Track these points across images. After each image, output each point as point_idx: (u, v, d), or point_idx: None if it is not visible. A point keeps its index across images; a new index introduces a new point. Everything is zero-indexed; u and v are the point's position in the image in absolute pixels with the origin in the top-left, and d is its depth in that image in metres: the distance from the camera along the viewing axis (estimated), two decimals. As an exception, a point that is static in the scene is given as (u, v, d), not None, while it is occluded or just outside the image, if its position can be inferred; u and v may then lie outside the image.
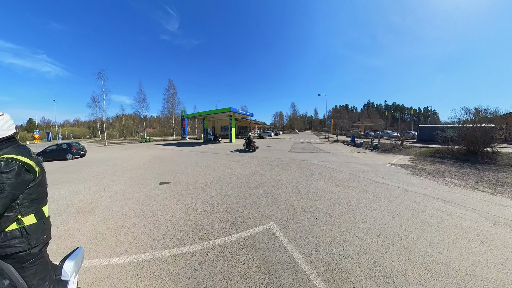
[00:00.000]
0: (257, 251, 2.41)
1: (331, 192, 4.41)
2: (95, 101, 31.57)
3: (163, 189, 5.30)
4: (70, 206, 4.34)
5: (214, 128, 32.29)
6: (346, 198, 4.02)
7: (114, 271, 2.26)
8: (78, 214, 3.90)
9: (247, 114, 26.64)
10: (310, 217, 3.22)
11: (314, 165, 7.84)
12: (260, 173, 6.65)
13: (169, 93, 41.46)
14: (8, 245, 1.12)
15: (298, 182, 5.34)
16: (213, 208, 3.81)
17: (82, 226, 3.39)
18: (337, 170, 6.71)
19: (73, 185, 6.13)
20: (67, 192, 5.38)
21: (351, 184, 5.05)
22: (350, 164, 7.87)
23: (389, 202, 3.79)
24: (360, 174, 6.09)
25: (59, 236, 3.11)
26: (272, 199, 4.10)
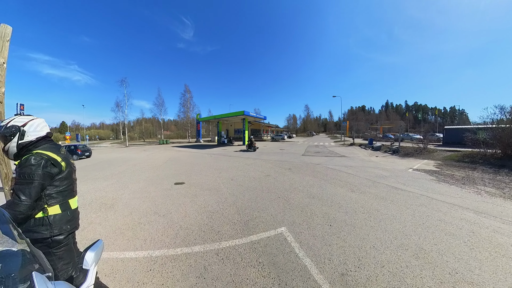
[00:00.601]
0: (267, 255, 2.37)
1: (346, 198, 4.21)
2: (118, 105, 34.28)
3: (178, 189, 5.47)
4: (93, 201, 4.67)
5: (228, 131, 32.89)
6: (363, 205, 3.81)
7: (130, 265, 2.37)
8: (100, 209, 4.17)
9: (260, 117, 26.73)
10: (323, 223, 3.10)
11: (329, 169, 7.58)
12: (272, 176, 6.59)
13: (185, 97, 43.26)
14: (36, 230, 1.28)
15: (311, 186, 5.20)
16: (225, 210, 3.84)
17: (103, 220, 3.62)
18: (354, 175, 6.41)
19: (97, 182, 6.59)
20: (92, 188, 5.80)
21: (368, 190, 4.78)
22: (368, 169, 7.48)
23: (411, 211, 3.52)
24: (378, 180, 5.75)
25: (82, 228, 3.35)
26: (285, 203, 4.02)
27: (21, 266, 0.98)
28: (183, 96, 43.47)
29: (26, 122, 1.37)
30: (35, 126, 1.40)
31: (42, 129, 1.44)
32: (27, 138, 1.36)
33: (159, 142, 35.19)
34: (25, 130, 1.36)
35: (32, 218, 1.28)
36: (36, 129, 1.41)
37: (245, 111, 22.08)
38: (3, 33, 3.21)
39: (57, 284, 0.87)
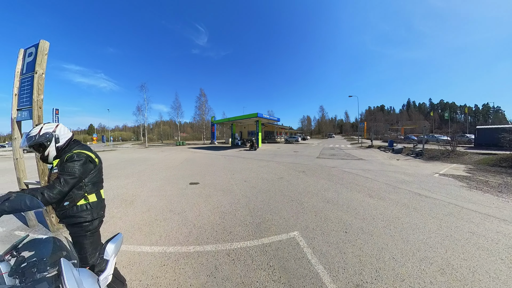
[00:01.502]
0: (278, 259, 2.32)
1: (364, 204, 4.00)
2: (139, 109, 36.95)
3: (192, 189, 5.63)
4: (115, 197, 4.99)
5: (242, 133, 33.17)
6: (382, 212, 3.58)
7: (145, 258, 2.48)
8: (121, 205, 4.45)
9: (273, 119, 26.61)
10: (338, 230, 2.97)
11: (345, 173, 7.27)
12: (286, 179, 6.50)
13: (201, 101, 44.85)
14: (79, 215, 1.53)
15: (326, 190, 5.02)
16: (237, 211, 3.86)
17: (123, 215, 3.85)
18: (372, 180, 6.07)
19: (119, 180, 7.04)
20: (114, 185, 6.21)
21: (388, 196, 4.49)
22: (388, 173, 7.03)
23: (436, 221, 3.23)
24: (399, 185, 5.38)
25: (105, 221, 3.57)
26: (298, 207, 3.93)
27: (51, 252, 1.07)
28: (198, 99, 45.13)
29: (55, 128, 1.57)
30: (63, 130, 1.61)
31: (67, 132, 1.65)
32: (61, 141, 1.58)
33: (176, 144, 36.77)
34: (58, 134, 1.57)
35: (75, 206, 1.52)
36: (64, 132, 1.62)
37: (259, 113, 22.13)
38: (42, 47, 3.62)
39: (81, 271, 0.95)
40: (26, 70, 3.71)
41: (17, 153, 3.65)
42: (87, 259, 1.54)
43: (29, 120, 3.54)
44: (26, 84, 3.65)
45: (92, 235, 1.62)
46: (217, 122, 34.49)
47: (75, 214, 1.52)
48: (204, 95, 45.36)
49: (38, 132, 1.49)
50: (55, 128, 1.58)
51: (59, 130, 1.59)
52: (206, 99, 45.47)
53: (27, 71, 3.67)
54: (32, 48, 3.62)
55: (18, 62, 3.76)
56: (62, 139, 1.59)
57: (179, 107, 42.95)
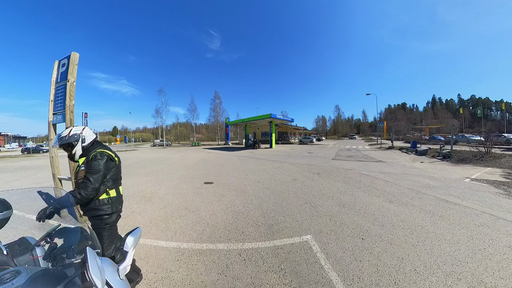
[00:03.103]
0: (290, 263, 2.28)
1: (383, 210, 3.77)
2: (158, 112, 39.11)
3: (207, 188, 5.77)
4: (135, 194, 5.29)
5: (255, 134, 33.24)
6: (403, 219, 3.34)
7: (161, 252, 2.60)
8: (140, 201, 4.71)
9: (287, 119, 26.30)
10: (354, 235, 2.83)
11: (363, 175, 6.92)
12: (300, 180, 6.37)
13: (215, 103, 45.96)
14: (101, 208, 1.70)
15: (342, 194, 4.83)
16: (250, 212, 3.87)
17: (142, 211, 4.08)
18: (393, 184, 5.70)
19: (139, 178, 7.47)
20: (134, 183, 6.60)
21: (411, 201, 4.18)
22: (410, 177, 6.55)
23: (467, 232, 2.92)
24: (424, 190, 4.98)
25: (125, 216, 3.85)
26: (312, 210, 3.83)
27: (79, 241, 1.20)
28: (213, 101, 46.28)
29: (81, 130, 1.79)
30: (88, 132, 1.84)
31: (92, 134, 1.88)
32: (87, 141, 1.80)
33: (192, 144, 38.36)
34: (84, 135, 1.79)
35: (98, 200, 1.71)
36: (89, 134, 1.85)
37: (272, 114, 22.03)
38: (73, 58, 4.02)
39: (103, 259, 1.02)
40: (60, 79, 4.16)
41: (52, 152, 4.05)
42: (103, 251, 1.68)
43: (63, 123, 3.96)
44: (60, 91, 4.08)
45: (111, 228, 1.79)
46: (231, 123, 35.04)
47: (97, 207, 1.70)
48: (219, 97, 46.45)
49: (68, 133, 1.72)
50: (82, 130, 1.80)
51: (85, 132, 1.81)
52: (221, 101, 46.53)
53: (61, 80, 4.11)
54: (65, 60, 4.05)
55: (53, 72, 4.25)
56: (87, 140, 1.80)
57: (195, 109, 44.50)
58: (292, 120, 27.37)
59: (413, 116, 78.22)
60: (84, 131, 1.81)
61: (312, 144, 29.69)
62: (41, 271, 0.86)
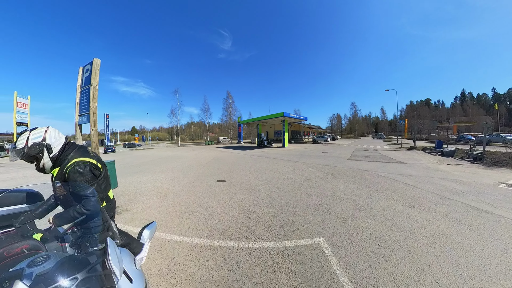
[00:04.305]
0: (300, 265, 2.24)
1: (402, 215, 3.54)
2: (173, 112, 41.18)
3: (219, 186, 5.88)
4: (152, 190, 5.56)
5: (268, 133, 33.18)
6: (425, 226, 3.10)
7: (174, 246, 2.71)
8: (157, 197, 4.94)
9: (300, 118, 25.81)
10: (370, 241, 2.69)
11: (381, 177, 6.56)
12: (313, 181, 6.23)
13: (227, 102, 46.91)
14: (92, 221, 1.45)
15: (358, 196, 4.63)
16: (261, 211, 3.87)
17: (158, 206, 4.27)
18: (414, 187, 5.33)
19: (155, 175, 7.85)
20: (151, 179, 6.94)
21: (434, 207, 3.87)
22: (434, 180, 6.06)
23: (500, 244, 2.62)
24: (449, 196, 4.58)
25: (143, 209, 4.08)
26: (325, 212, 3.73)
27: (101, 232, 1.29)
28: (225, 101, 47.27)
29: (43, 136, 1.34)
30: (53, 136, 1.40)
31: (60, 136, 1.45)
32: (55, 149, 1.39)
33: (205, 143, 39.55)
34: (49, 143, 1.36)
35: None
36: (56, 137, 1.41)
37: (285, 112, 21.79)
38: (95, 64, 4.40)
39: (122, 250, 1.11)
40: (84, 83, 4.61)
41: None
42: None
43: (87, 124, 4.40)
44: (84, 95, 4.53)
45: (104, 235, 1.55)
46: (244, 122, 35.31)
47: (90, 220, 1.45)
48: (231, 97, 47.23)
49: (25, 143, 1.27)
50: (44, 134, 1.34)
51: (49, 137, 1.36)
52: (233, 101, 47.35)
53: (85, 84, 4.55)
54: (88, 65, 4.47)
55: (78, 77, 4.72)
56: (55, 147, 1.39)
57: (208, 109, 45.83)
58: (306, 119, 26.83)
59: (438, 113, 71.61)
60: (47, 135, 1.35)
61: (326, 144, 28.79)
62: (68, 256, 0.94)
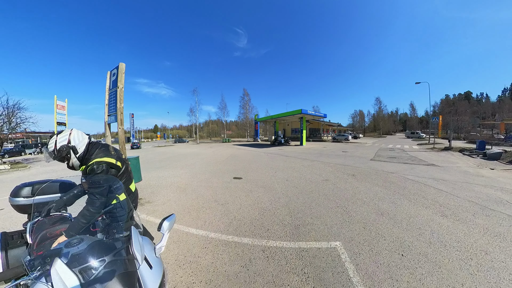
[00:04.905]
0: (314, 268, 2.17)
1: (432, 224, 3.20)
2: (192, 111, 42.97)
3: (235, 183, 5.98)
4: (172, 184, 5.90)
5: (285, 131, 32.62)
6: (459, 239, 2.76)
7: (191, 239, 2.84)
8: (176, 191, 5.23)
9: (319, 115, 24.88)
10: (392, 250, 2.50)
11: (409, 181, 6.02)
12: (332, 181, 5.99)
13: (244, 100, 47.22)
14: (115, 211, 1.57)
15: (381, 200, 4.32)
16: (277, 210, 3.84)
17: (178, 200, 4.51)
18: (448, 194, 4.79)
19: (175, 170, 8.33)
20: (171, 174, 7.38)
21: (472, 218, 3.42)
22: (474, 187, 5.35)
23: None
24: (492, 206, 4.00)
25: (164, 202, 4.36)
26: (344, 215, 3.56)
27: (126, 220, 1.41)
28: (242, 99, 47.67)
29: (68, 139, 1.49)
30: (77, 137, 1.54)
31: (83, 137, 1.59)
32: (80, 150, 1.54)
33: (222, 141, 40.83)
34: (74, 145, 1.50)
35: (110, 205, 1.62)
36: (79, 139, 1.55)
37: (303, 109, 21.08)
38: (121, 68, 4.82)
39: (144, 238, 1.21)
40: (111, 86, 5.12)
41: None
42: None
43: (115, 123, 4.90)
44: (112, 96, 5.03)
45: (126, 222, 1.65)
46: (260, 120, 35.23)
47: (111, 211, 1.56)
48: (247, 95, 47.52)
49: (54, 147, 1.45)
50: (69, 137, 1.50)
51: (73, 139, 1.51)
52: (249, 98, 47.58)
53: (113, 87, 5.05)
54: (115, 70, 4.94)
55: (107, 81, 5.27)
56: (79, 148, 1.53)
57: (225, 107, 46.76)
58: (325, 116, 25.76)
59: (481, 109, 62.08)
60: (71, 137, 1.50)
61: (347, 142, 27.32)
62: (98, 241, 1.05)
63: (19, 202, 1.65)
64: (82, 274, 0.85)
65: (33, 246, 1.27)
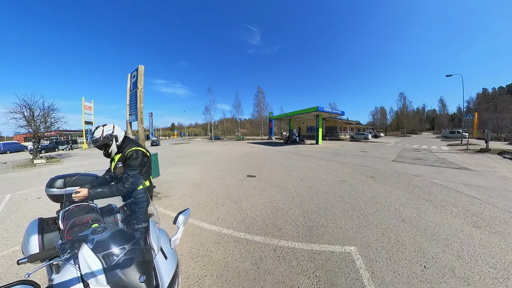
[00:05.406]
0: (326, 272, 2.11)
1: (462, 235, 2.89)
2: (207, 109, 44.45)
3: (249, 181, 6.02)
4: (188, 180, 6.14)
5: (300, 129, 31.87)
6: (494, 254, 2.46)
7: (204, 233, 2.94)
8: (192, 186, 5.42)
9: (336, 112, 23.74)
10: (414, 260, 2.32)
11: (435, 185, 5.51)
12: (348, 183, 5.74)
13: (258, 98, 47.17)
14: (138, 196, 1.83)
15: (403, 205, 4.04)
16: (290, 209, 3.80)
17: (193, 195, 4.68)
18: (483, 202, 4.28)
19: (191, 167, 8.65)
20: (187, 171, 7.67)
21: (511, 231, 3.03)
22: (517, 200, 4.73)
23: None
24: (539, 221, 3.49)
25: (179, 197, 4.55)
26: (360, 219, 3.39)
27: (144, 212, 1.54)
28: (256, 97, 47.68)
29: (112, 130, 1.82)
30: (119, 130, 1.90)
31: (121, 131, 1.93)
32: (119, 139, 1.88)
33: (236, 139, 41.45)
34: (116, 134, 1.84)
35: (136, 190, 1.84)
36: (120, 132, 1.90)
37: (319, 106, 20.34)
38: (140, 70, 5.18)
39: (160, 230, 1.27)
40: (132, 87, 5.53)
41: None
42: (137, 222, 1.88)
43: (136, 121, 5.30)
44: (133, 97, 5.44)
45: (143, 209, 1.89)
46: (275, 118, 34.88)
47: (136, 195, 1.83)
48: (262, 92, 47.37)
49: (101, 134, 1.75)
50: (113, 129, 1.83)
51: (116, 130, 1.84)
52: (264, 96, 47.38)
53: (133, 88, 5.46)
54: (135, 72, 5.32)
55: (128, 82, 5.71)
56: (119, 138, 1.87)
57: (239, 105, 47.24)
58: (342, 113, 24.55)
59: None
60: (115, 129, 1.83)
61: (366, 141, 25.86)
62: (119, 230, 1.12)
63: (53, 192, 1.85)
64: (105, 259, 0.92)
65: (64, 232, 1.40)
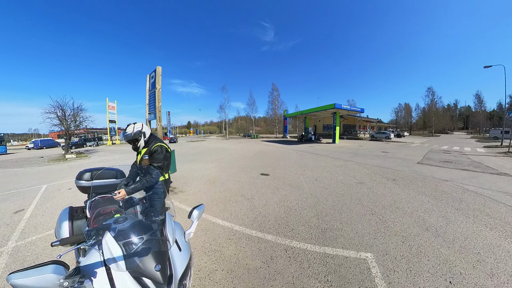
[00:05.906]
0: (339, 278, 2.04)
1: (498, 251, 2.58)
2: (221, 107, 44.24)
3: (263, 179, 6.03)
4: (203, 177, 6.34)
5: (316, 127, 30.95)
6: None
7: (217, 229, 3.02)
8: (206, 183, 5.59)
9: (355, 109, 22.53)
10: (438, 273, 2.13)
11: (468, 192, 4.97)
12: (367, 185, 5.45)
13: (273, 95, 46.74)
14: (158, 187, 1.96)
15: (427, 212, 3.72)
16: (303, 210, 3.74)
17: (207, 191, 4.83)
18: (526, 216, 3.78)
19: (206, 164, 8.93)
20: (202, 167, 7.93)
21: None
22: None
23: None
24: None
25: (194, 193, 4.72)
26: (379, 224, 3.21)
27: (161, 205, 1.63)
28: (271, 94, 47.33)
29: (141, 127, 2.11)
30: (146, 128, 2.18)
31: (148, 129, 2.22)
32: (147, 136, 2.16)
33: (251, 137, 41.01)
34: (144, 131, 2.12)
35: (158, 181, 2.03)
36: (147, 129, 2.19)
37: (336, 103, 19.44)
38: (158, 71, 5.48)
39: (175, 223, 1.34)
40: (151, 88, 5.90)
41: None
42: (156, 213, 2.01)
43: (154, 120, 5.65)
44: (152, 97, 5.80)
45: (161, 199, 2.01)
46: (290, 115, 34.29)
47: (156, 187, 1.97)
48: (276, 90, 46.79)
49: (132, 130, 2.05)
50: (142, 127, 2.12)
51: (144, 128, 2.14)
52: (278, 93, 46.84)
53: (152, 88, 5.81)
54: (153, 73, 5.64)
55: (147, 83, 6.10)
56: (147, 135, 2.16)
57: (253, 103, 47.25)
58: (362, 111, 23.04)
59: None
60: (143, 127, 2.13)
61: (388, 141, 24.05)
62: (138, 221, 1.20)
63: (82, 184, 2.06)
64: (125, 247, 1.00)
65: (90, 220, 1.54)
